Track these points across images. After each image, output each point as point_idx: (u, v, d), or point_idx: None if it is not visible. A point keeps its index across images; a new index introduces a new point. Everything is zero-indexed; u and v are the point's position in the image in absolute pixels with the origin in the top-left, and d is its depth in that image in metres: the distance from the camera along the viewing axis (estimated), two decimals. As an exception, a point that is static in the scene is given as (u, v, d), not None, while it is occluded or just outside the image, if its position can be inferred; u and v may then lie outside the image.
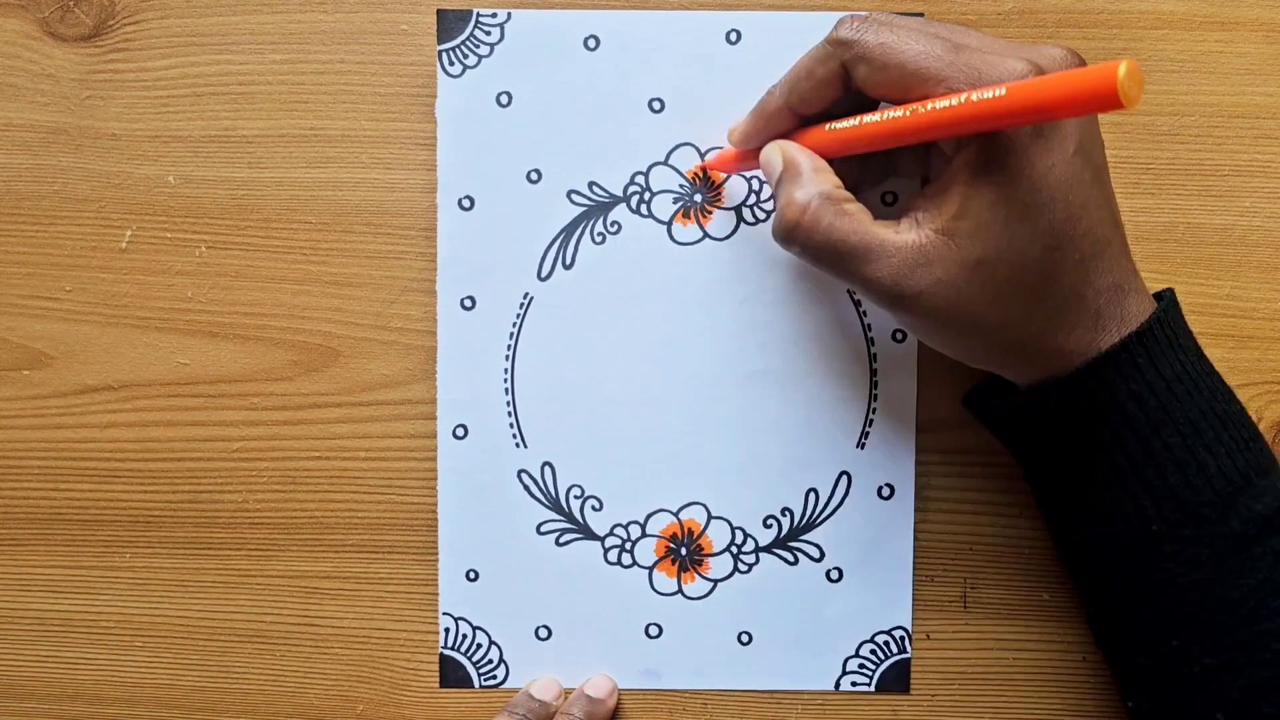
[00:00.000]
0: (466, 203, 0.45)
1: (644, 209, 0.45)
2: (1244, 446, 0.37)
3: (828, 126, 0.39)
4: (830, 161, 0.39)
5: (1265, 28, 0.45)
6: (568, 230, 0.45)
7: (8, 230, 0.46)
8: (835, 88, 0.38)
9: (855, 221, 0.37)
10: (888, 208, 0.44)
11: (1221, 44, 0.45)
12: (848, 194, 0.38)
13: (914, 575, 0.45)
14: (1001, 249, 0.36)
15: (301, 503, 0.46)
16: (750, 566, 0.46)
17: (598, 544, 0.46)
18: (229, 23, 0.45)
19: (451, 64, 0.44)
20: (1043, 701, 0.46)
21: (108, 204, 0.46)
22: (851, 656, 0.46)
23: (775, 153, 0.40)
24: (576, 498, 0.46)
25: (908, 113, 0.36)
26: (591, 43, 0.44)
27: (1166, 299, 0.38)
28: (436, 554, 0.46)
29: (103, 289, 0.46)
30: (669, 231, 0.45)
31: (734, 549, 0.46)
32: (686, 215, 0.45)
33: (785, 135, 0.41)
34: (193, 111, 0.45)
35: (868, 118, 0.38)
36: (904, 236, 0.37)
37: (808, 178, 0.38)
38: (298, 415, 0.46)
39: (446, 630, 0.46)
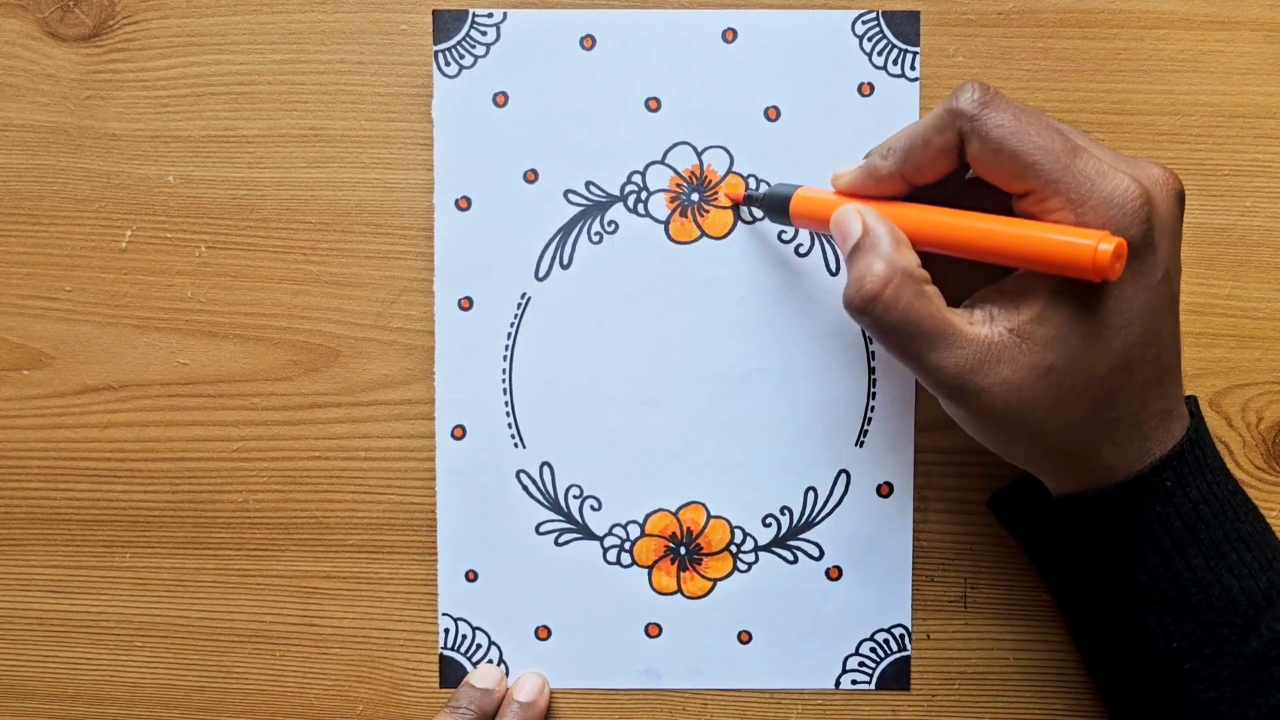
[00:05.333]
0: (464, 203, 0.45)
1: (641, 208, 0.45)
2: (1267, 567, 0.38)
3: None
4: None
5: (1265, 28, 0.45)
6: (565, 230, 0.45)
7: (8, 230, 0.46)
8: (950, 158, 0.37)
9: (932, 305, 0.36)
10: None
11: (1221, 44, 0.45)
12: (926, 274, 0.37)
13: (914, 575, 0.45)
14: (1073, 361, 0.35)
15: (301, 503, 0.46)
16: (750, 565, 0.46)
17: (597, 544, 0.46)
18: (229, 23, 0.45)
19: (447, 64, 0.44)
20: (1043, 701, 0.46)
21: (108, 204, 0.46)
22: (852, 655, 0.45)
23: (854, 219, 0.38)
24: (575, 497, 0.46)
25: (986, 225, 0.36)
26: (587, 42, 0.44)
27: (1195, 418, 0.38)
28: (436, 554, 0.46)
29: (103, 289, 0.46)
30: (666, 231, 0.45)
31: (733, 548, 0.46)
32: (684, 214, 0.45)
33: (882, 200, 0.39)
34: (193, 111, 0.45)
35: (946, 219, 0.37)
36: (977, 330, 0.36)
37: (889, 250, 0.36)
38: (297, 415, 0.46)
39: (446, 630, 0.46)
